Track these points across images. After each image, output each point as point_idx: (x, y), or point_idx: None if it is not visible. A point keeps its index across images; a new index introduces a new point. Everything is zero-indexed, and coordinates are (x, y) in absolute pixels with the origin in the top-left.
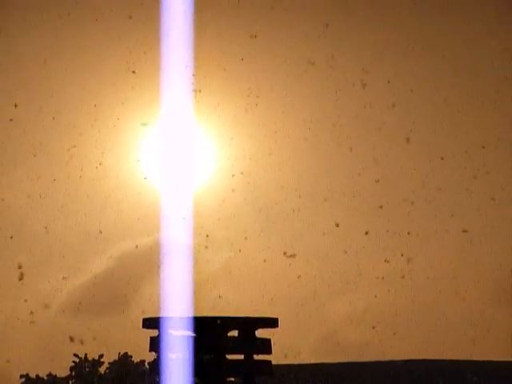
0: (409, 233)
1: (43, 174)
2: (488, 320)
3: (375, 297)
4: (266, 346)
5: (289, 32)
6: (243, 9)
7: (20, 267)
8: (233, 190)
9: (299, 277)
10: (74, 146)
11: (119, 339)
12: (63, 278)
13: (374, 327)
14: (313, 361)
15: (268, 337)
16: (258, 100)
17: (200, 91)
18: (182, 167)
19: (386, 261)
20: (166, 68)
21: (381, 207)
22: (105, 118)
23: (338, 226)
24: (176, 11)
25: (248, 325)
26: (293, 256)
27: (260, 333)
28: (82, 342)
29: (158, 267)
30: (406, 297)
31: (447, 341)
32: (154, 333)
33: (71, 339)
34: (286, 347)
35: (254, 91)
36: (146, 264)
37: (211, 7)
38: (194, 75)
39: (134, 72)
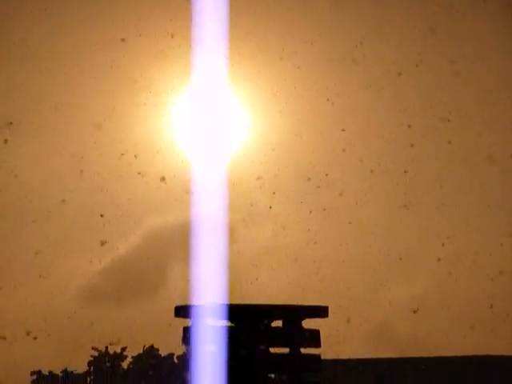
0: None
1: (62, 149)
2: None
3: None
4: (314, 338)
5: None
6: None
7: (37, 252)
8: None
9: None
10: (105, 120)
11: (145, 330)
12: (90, 261)
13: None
14: (364, 356)
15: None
16: None
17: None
18: (215, 137)
19: None
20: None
21: None
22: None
23: (405, 206)
24: None
25: (294, 314)
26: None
27: (306, 323)
28: (102, 334)
29: (191, 247)
30: None
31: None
32: (186, 322)
33: (91, 329)
34: (335, 339)
35: None
36: (177, 244)
37: None
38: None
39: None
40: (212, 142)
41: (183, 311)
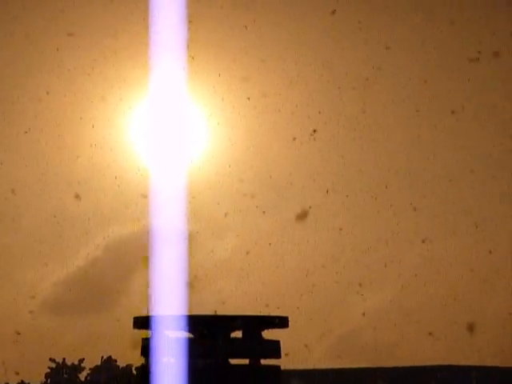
0: None
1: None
2: None
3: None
4: (274, 348)
5: None
6: None
7: None
8: (229, 166)
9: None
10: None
11: (102, 341)
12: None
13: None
14: (326, 366)
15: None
16: None
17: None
18: (173, 145)
19: None
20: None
21: None
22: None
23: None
24: None
25: (254, 324)
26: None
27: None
28: (59, 344)
29: (150, 258)
30: None
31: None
32: (145, 334)
33: (47, 340)
34: (295, 349)
35: None
36: (135, 254)
37: None
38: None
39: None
40: (170, 149)
41: (142, 322)
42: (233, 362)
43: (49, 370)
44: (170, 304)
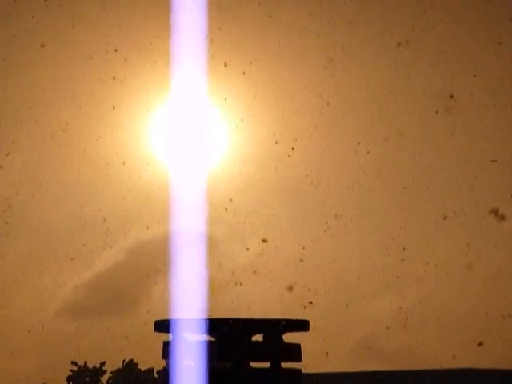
0: None
1: (37, 159)
2: None
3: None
4: (295, 352)
5: None
6: None
7: (18, 263)
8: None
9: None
10: (66, 123)
11: (124, 344)
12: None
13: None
14: (348, 369)
15: (297, 342)
16: None
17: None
18: (194, 147)
19: None
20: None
21: None
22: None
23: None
24: None
25: (274, 328)
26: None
27: (288, 337)
28: (81, 348)
29: (171, 261)
30: None
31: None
32: (166, 337)
33: (69, 343)
34: (318, 353)
35: None
36: (157, 258)
37: None
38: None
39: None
40: (190, 154)
41: (163, 325)
42: (254, 365)
43: (71, 373)
44: (191, 307)
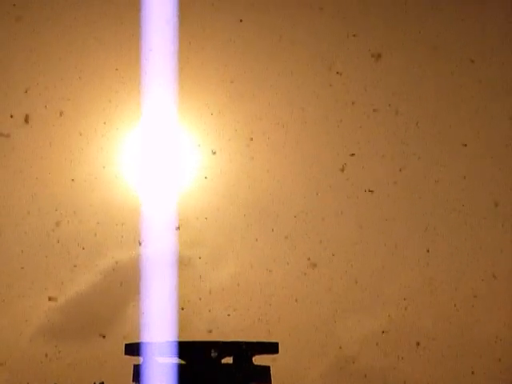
0: None
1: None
2: None
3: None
4: (264, 374)
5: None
6: None
7: None
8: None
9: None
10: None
11: (96, 367)
12: (49, 299)
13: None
14: None
15: (268, 364)
16: None
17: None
18: (165, 169)
19: None
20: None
21: None
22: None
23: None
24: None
25: (244, 351)
26: (313, 266)
27: (260, 360)
28: (53, 370)
29: (142, 286)
30: None
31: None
32: (137, 360)
33: (40, 366)
34: (290, 375)
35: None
36: (129, 281)
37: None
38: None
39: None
40: (161, 177)
41: (133, 349)
42: None
43: None
44: (162, 331)
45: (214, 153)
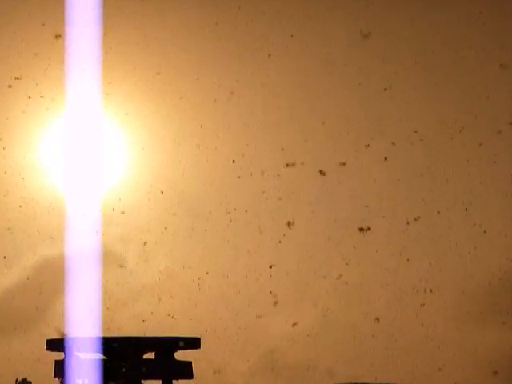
0: None
1: None
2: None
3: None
4: (186, 369)
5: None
6: None
7: None
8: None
9: (238, 294)
10: None
11: (18, 363)
12: None
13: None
14: None
15: (189, 359)
16: None
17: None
18: (89, 165)
19: None
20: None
21: None
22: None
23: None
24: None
25: (165, 346)
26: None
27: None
28: None
29: (65, 281)
30: None
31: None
32: (59, 356)
33: None
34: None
35: None
36: (53, 278)
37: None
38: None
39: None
40: (86, 171)
41: (55, 344)
42: (145, 383)
43: None
44: (86, 326)
45: (143, 149)
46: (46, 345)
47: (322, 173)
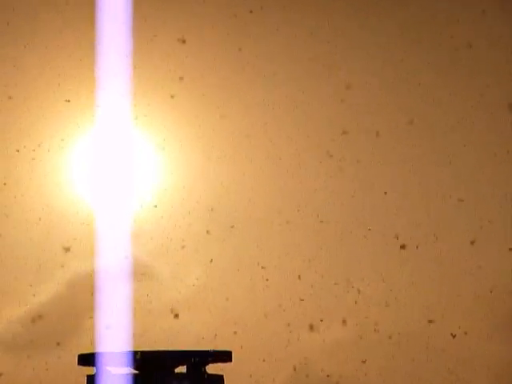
0: None
1: None
2: None
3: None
4: (217, 382)
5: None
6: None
7: None
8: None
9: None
10: None
11: (53, 378)
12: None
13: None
14: None
15: (221, 373)
16: None
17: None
18: (120, 181)
19: None
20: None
21: None
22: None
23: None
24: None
25: (196, 359)
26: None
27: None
28: (11, 382)
29: (97, 297)
30: None
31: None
32: (90, 370)
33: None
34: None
35: None
36: (86, 294)
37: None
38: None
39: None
40: (116, 189)
41: (87, 359)
42: None
43: None
44: (117, 341)
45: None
46: (78, 359)
47: None
